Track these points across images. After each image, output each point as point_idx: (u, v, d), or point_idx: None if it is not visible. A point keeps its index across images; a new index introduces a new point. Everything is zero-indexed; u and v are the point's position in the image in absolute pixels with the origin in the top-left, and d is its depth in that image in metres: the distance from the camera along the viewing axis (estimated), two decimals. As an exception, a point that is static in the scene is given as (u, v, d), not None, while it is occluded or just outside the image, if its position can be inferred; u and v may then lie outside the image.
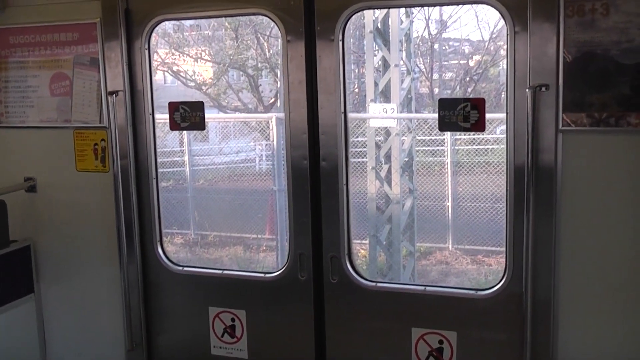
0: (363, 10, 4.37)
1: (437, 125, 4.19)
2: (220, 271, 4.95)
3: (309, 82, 4.41)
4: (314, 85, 4.41)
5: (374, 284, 4.53)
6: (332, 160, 4.44)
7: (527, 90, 3.82)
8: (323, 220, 4.52)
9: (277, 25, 4.46)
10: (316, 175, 4.50)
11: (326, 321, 4.64)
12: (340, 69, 4.35)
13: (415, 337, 4.41)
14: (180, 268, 4.99)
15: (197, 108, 4.77)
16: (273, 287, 4.74)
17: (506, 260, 4.18)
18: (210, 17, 4.86)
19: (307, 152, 4.50)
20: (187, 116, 4.76)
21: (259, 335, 4.86)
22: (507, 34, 3.95)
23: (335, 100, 4.37)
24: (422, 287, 4.43)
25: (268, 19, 4.48)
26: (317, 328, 4.66)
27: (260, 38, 25.90)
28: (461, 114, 4.03)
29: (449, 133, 13.60)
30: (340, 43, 4.32)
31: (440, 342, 4.36)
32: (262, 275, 4.85)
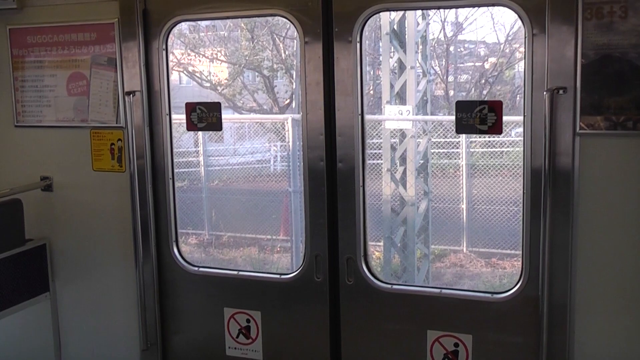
0: (381, 12, 4.36)
1: (454, 128, 4.17)
2: (235, 272, 4.94)
3: (327, 83, 4.41)
4: (332, 86, 4.41)
5: (389, 286, 4.51)
6: (349, 161, 4.43)
7: (544, 93, 3.80)
8: (339, 221, 4.52)
9: (295, 27, 4.45)
10: (333, 177, 4.50)
11: (341, 323, 4.63)
12: (357, 71, 4.35)
13: (430, 339, 4.39)
14: (196, 268, 4.99)
15: (214, 109, 4.79)
16: (289, 289, 4.74)
17: (522, 264, 4.16)
18: (227, 17, 4.87)
19: (323, 154, 4.50)
20: (204, 117, 4.77)
21: (274, 336, 4.86)
22: (525, 37, 3.94)
23: (353, 102, 4.37)
24: (438, 290, 4.41)
25: (284, 20, 4.48)
26: (333, 330, 4.66)
27: (276, 39, 25.93)
28: (478, 116, 4.02)
29: (464, 135, 13.56)
30: (358, 45, 4.31)
31: (456, 345, 4.34)
32: (278, 276, 4.84)
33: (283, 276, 4.81)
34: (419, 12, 12.07)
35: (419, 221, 12.19)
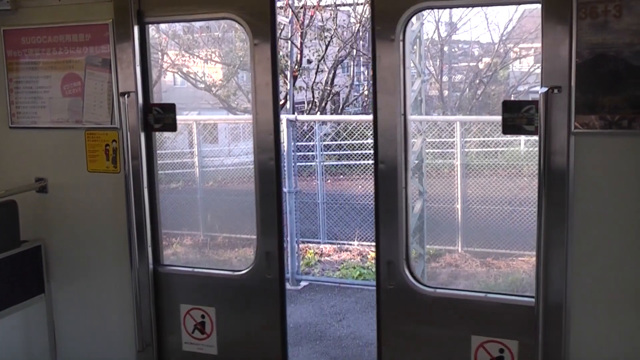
0: (424, 10, 4.33)
1: (501, 129, 4.05)
2: (190, 269, 5.04)
3: (373, 81, 4.38)
4: (375, 85, 4.36)
5: (432, 289, 4.43)
6: (390, 162, 4.38)
7: (539, 92, 3.81)
8: (380, 224, 4.45)
9: (245, 29, 4.56)
10: (375, 178, 4.45)
11: (382, 328, 4.54)
12: (400, 70, 4.29)
13: (474, 345, 4.31)
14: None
15: (169, 110, 4.84)
16: (241, 285, 4.81)
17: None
18: (184, 21, 4.94)
19: (273, 153, 4.58)
20: (160, 118, 4.82)
21: (228, 332, 4.92)
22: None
23: (395, 102, 4.31)
24: (483, 294, 4.34)
25: (277, 21, 4.51)
26: (283, 326, 4.68)
27: (270, 40, 25.93)
28: (525, 116, 3.96)
29: (458, 135, 13.58)
30: (401, 43, 4.25)
31: (501, 350, 4.25)
32: (231, 273, 4.92)
33: (236, 273, 4.88)
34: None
35: (414, 221, 12.19)
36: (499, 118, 3.99)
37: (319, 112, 26.62)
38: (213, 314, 4.93)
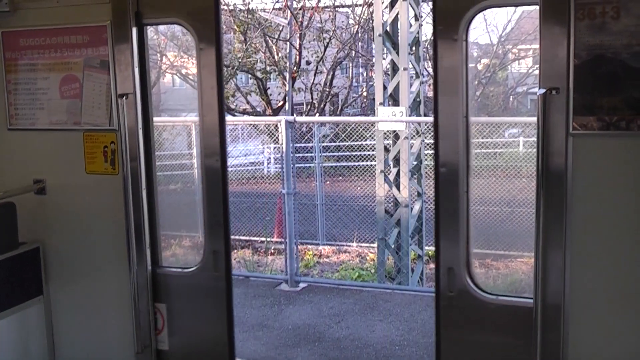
0: (487, 9, 4.17)
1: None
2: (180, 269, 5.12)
3: (434, 82, 4.26)
4: (436, 86, 4.24)
5: (494, 297, 4.31)
6: (452, 166, 4.24)
7: (537, 93, 3.81)
8: (441, 229, 4.32)
9: (191, 34, 4.64)
10: (435, 182, 4.33)
11: (441, 335, 4.42)
12: (463, 71, 4.18)
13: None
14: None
15: None
16: (190, 283, 4.91)
17: None
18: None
19: (219, 155, 4.67)
20: None
21: (179, 327, 5.02)
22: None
23: (457, 103, 4.19)
24: None
25: (276, 22, 4.53)
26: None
27: (269, 41, 25.95)
28: None
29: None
30: (464, 43, 4.14)
31: None
32: (181, 270, 5.02)
33: (185, 270, 4.98)
34: (412, 13, 12.12)
35: (412, 222, 12.20)
36: (498, 119, 3.98)
37: (317, 114, 26.64)
38: (164, 310, 5.03)
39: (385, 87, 12.14)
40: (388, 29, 12.07)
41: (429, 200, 13.61)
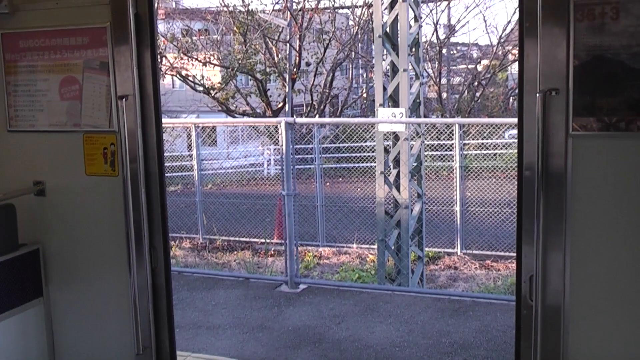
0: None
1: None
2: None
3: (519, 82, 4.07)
4: (522, 86, 4.06)
5: None
6: (534, 170, 3.99)
7: (537, 94, 3.81)
8: (523, 236, 4.12)
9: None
10: (518, 186, 4.15)
11: (521, 348, 4.22)
12: None
13: None
14: None
15: None
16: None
17: None
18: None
19: (156, 157, 4.85)
20: None
21: None
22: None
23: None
24: None
25: (276, 23, 4.53)
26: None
27: (269, 42, 25.98)
28: None
29: (456, 137, 13.59)
30: None
31: None
32: None
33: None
34: (412, 14, 12.12)
35: (412, 224, 12.22)
36: (498, 120, 3.97)
37: (317, 115, 26.69)
38: None
39: (385, 89, 12.16)
40: (388, 30, 12.08)
41: (429, 202, 13.65)
